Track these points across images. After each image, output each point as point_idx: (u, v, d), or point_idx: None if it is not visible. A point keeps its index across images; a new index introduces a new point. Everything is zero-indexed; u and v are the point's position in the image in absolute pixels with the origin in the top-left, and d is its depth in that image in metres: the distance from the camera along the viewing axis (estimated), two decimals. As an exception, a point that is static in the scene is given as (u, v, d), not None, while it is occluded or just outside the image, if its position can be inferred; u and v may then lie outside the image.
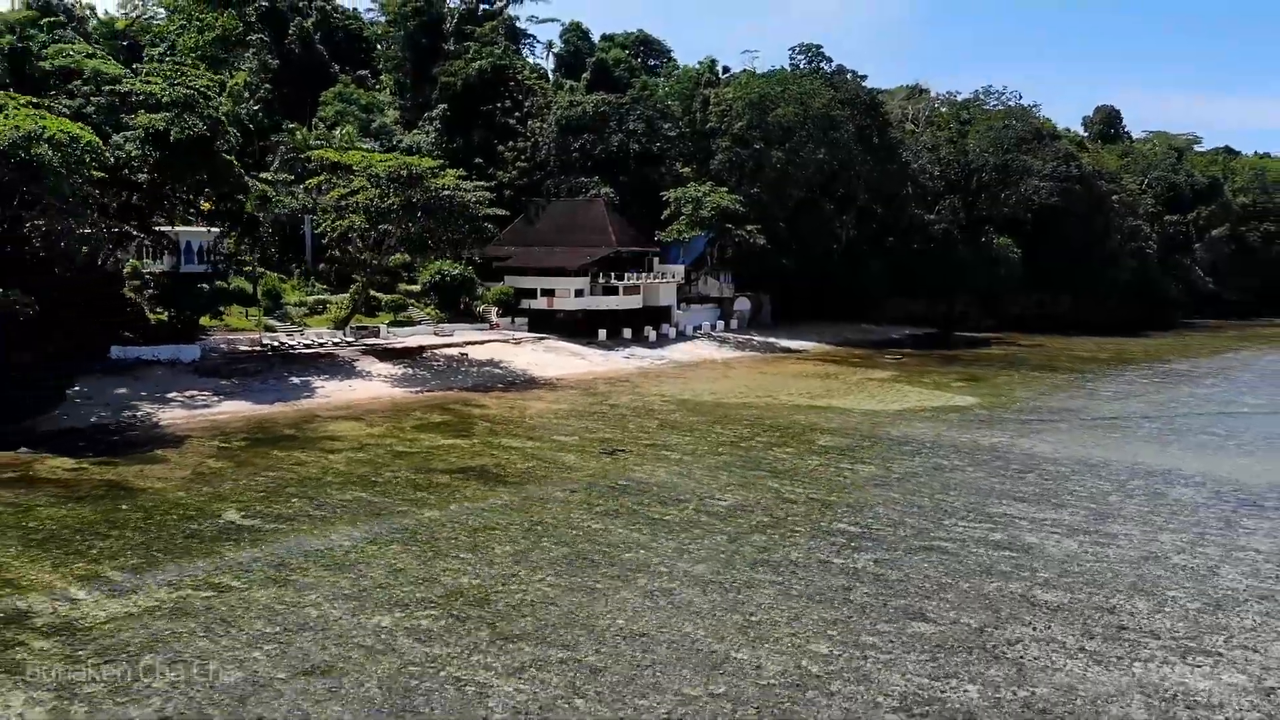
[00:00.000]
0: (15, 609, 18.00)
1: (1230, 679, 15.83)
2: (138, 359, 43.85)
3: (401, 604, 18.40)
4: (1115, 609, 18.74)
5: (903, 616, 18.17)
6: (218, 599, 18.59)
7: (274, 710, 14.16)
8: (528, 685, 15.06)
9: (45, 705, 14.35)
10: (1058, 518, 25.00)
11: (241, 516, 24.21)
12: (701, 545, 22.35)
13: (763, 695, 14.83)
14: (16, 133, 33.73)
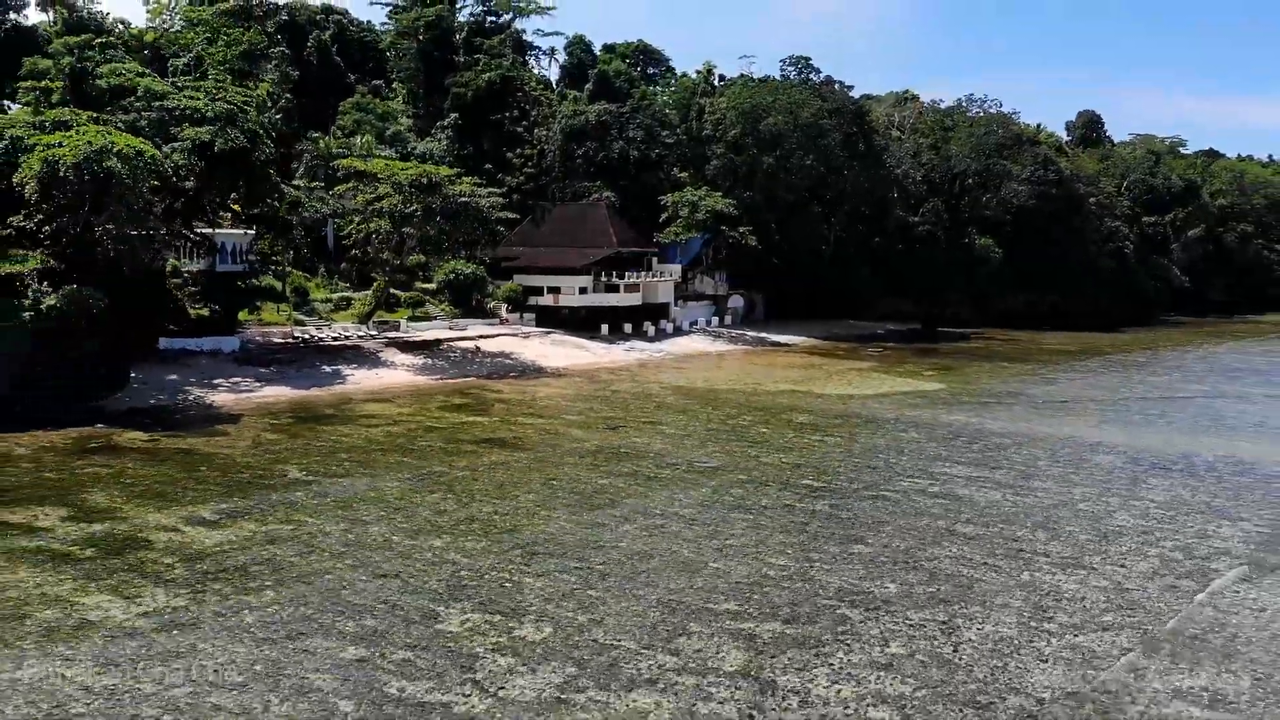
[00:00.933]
0: (138, 537, 22.61)
1: (1095, 583, 20.43)
2: (183, 349, 48.48)
3: (448, 532, 23.04)
4: (1018, 538, 23.37)
5: (846, 541, 22.82)
6: (299, 530, 23.22)
7: (362, 598, 18.77)
8: (552, 582, 19.69)
9: (182, 598, 18.92)
10: (989, 476, 29.66)
11: (303, 474, 28.86)
12: (688, 495, 26.99)
13: (731, 588, 19.45)
14: (89, 147, 38.32)
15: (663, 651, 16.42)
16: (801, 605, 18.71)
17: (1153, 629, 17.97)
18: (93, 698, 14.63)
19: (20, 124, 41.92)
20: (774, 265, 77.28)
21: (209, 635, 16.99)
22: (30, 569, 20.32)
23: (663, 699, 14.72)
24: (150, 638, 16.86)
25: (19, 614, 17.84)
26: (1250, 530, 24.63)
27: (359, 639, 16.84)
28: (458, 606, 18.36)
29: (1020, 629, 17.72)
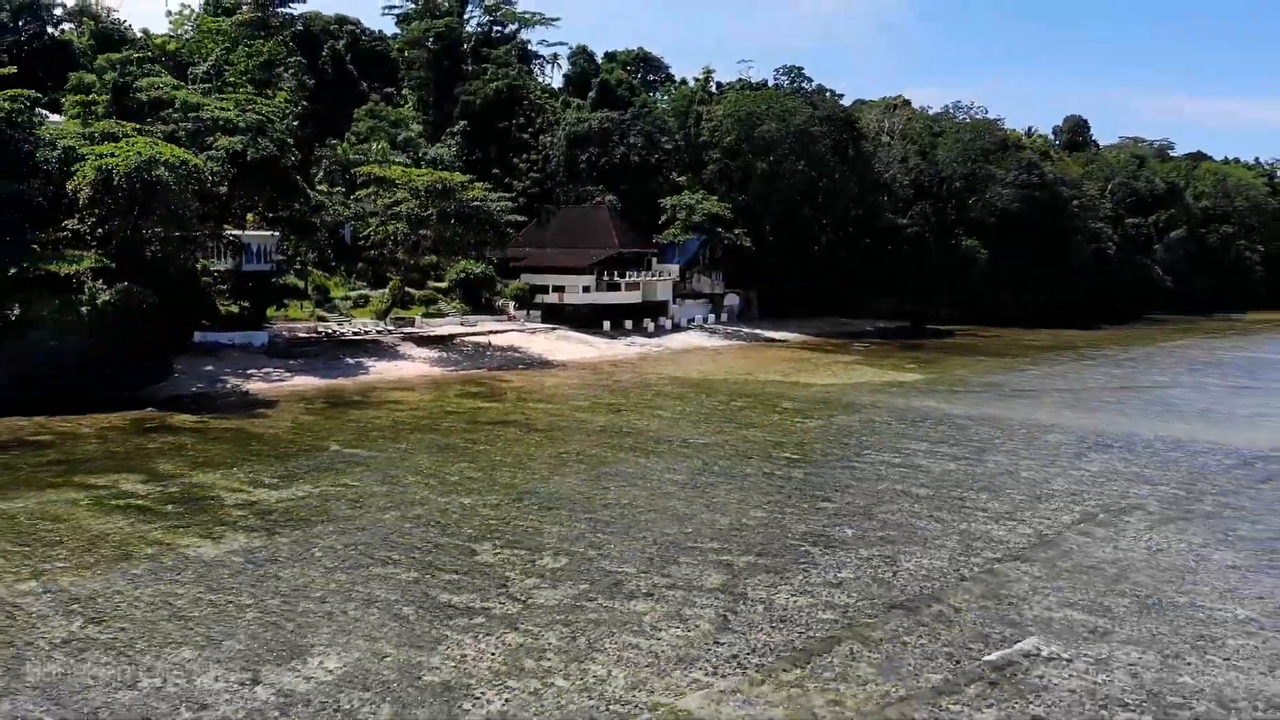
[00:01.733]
0: (210, 496, 26.51)
1: (1021, 530, 24.33)
2: (216, 343, 52.33)
3: (475, 492, 26.96)
4: (963, 498, 27.28)
5: (814, 500, 26.74)
6: (347, 490, 27.13)
7: (409, 540, 22.65)
8: (565, 528, 23.58)
9: (259, 540, 22.79)
10: (947, 451, 33.58)
11: (343, 447, 32.78)
12: (681, 465, 30.91)
13: (714, 533, 23.35)
14: (140, 157, 42.21)
15: (657, 575, 20.33)
16: (772, 544, 22.62)
17: (1060, 562, 21.86)
18: (204, 608, 18.49)
19: (72, 135, 45.73)
20: (768, 265, 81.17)
21: (287, 565, 20.89)
22: (125, 519, 24.23)
23: (655, 605, 18.62)
24: (239, 567, 20.76)
25: (127, 552, 21.73)
26: (1165, 492, 28.54)
27: (411, 567, 20.76)
28: (489, 545, 22.28)
29: (949, 561, 21.63)
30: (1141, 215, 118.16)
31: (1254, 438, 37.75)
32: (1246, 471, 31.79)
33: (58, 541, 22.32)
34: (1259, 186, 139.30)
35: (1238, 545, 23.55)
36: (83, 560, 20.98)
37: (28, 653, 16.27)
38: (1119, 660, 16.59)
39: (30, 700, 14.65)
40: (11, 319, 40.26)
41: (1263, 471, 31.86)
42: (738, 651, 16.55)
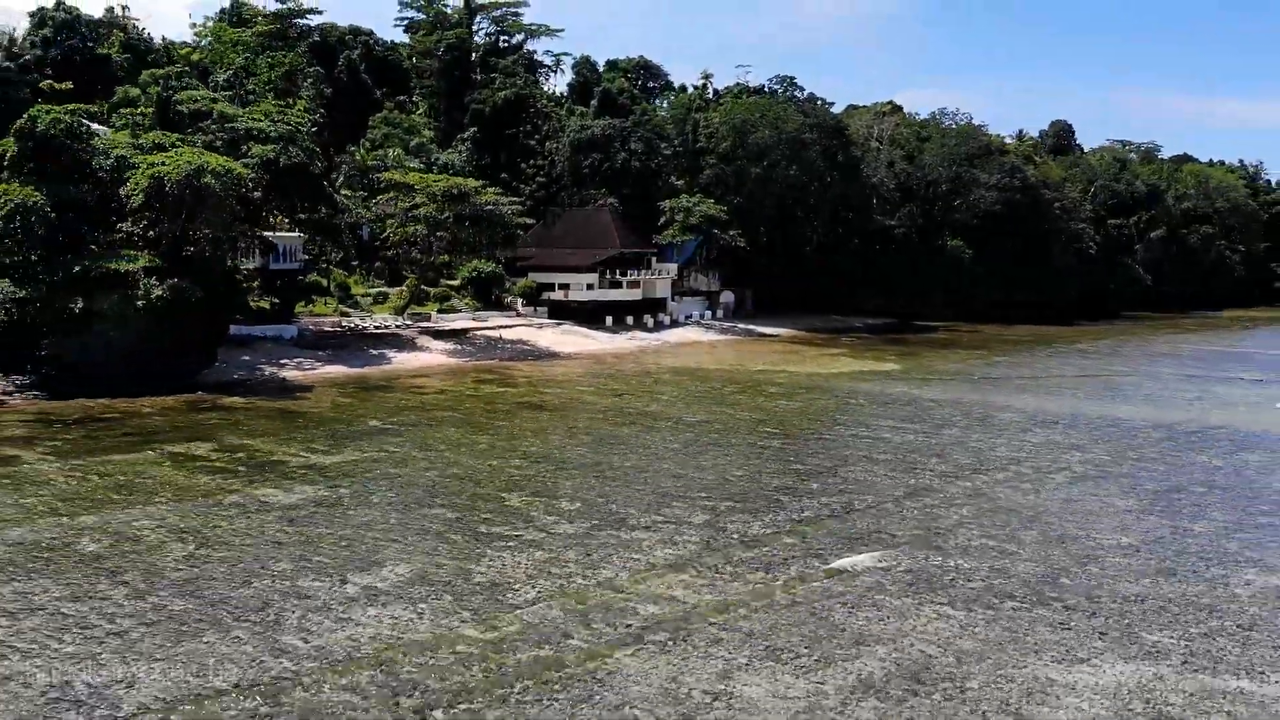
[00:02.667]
0: (274, 459, 31.11)
1: (959, 485, 28.92)
2: (249, 335, 56.85)
3: (500, 457, 31.59)
4: (916, 462, 31.90)
5: (787, 463, 31.38)
6: (391, 455, 31.75)
7: (449, 490, 27.25)
8: (578, 483, 28.20)
9: (323, 490, 27.31)
10: (910, 426, 38.20)
11: (380, 423, 37.40)
12: (677, 438, 35.53)
13: (702, 486, 27.96)
14: (189, 166, 46.84)
15: (653, 514, 24.94)
16: (749, 494, 27.25)
17: (985, 505, 26.48)
18: (290, 536, 23.04)
19: (124, 145, 50.34)
20: (762, 265, 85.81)
21: (350, 508, 25.49)
22: (206, 475, 28.85)
23: (652, 534, 23.23)
24: (311, 509, 25.35)
25: (216, 499, 26.33)
26: (1091, 458, 33.15)
27: (453, 509, 25.40)
28: (516, 494, 26.91)
29: (894, 504, 26.26)
30: (1123, 216, 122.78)
31: (1187, 416, 42.38)
32: (1170, 443, 36.41)
33: (155, 490, 26.96)
34: (1239, 188, 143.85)
35: (1140, 496, 28.17)
36: (181, 504, 25.59)
37: (160, 565, 20.87)
38: (1015, 570, 21.20)
39: (171, 596, 19.20)
40: (76, 311, 44.86)
41: (1184, 443, 36.50)
42: (716, 562, 21.17)
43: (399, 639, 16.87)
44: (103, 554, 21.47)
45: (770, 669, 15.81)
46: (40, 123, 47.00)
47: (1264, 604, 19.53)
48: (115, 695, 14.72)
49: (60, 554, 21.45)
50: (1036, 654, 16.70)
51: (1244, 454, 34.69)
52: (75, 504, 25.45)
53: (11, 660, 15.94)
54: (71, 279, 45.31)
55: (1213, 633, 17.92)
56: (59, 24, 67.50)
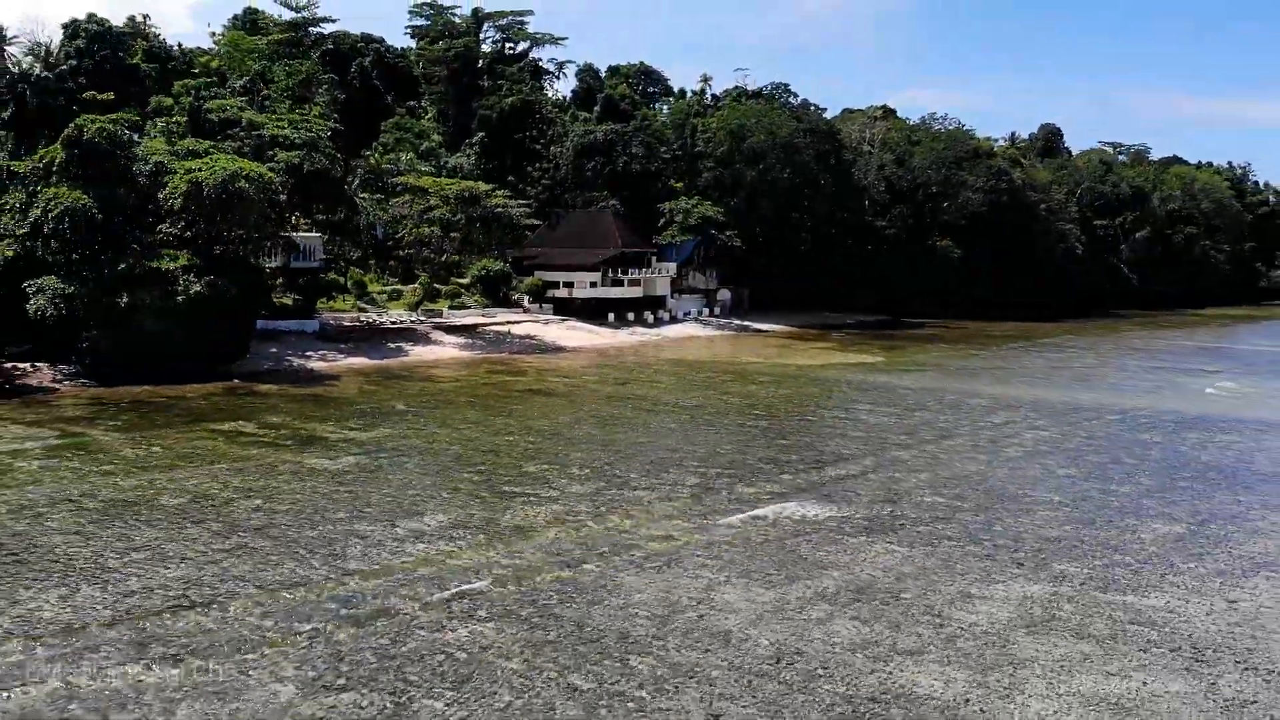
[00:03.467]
0: (315, 435, 34.97)
1: (920, 453, 32.79)
2: (274, 329, 60.68)
3: (516, 434, 35.50)
4: (885, 438, 35.78)
5: (772, 440, 35.27)
6: (419, 432, 35.65)
7: (473, 460, 31.15)
8: (586, 455, 32.10)
9: (368, 460, 31.17)
10: (885, 410, 42.09)
11: (405, 406, 41.30)
12: (674, 418, 39.44)
13: (695, 458, 31.84)
14: (225, 172, 50.74)
15: (652, 479, 28.84)
16: (736, 464, 31.16)
17: (942, 471, 30.37)
18: (340, 494, 26.93)
19: (161, 152, 54.21)
20: (758, 264, 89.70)
21: (390, 473, 29.39)
22: (258, 448, 32.74)
23: (651, 493, 27.13)
24: (356, 474, 29.23)
25: (271, 466, 30.20)
26: (1044, 436, 37.06)
27: (479, 474, 29.30)
28: (532, 463, 30.81)
29: (860, 471, 30.17)
30: (1109, 217, 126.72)
31: (1141, 402, 46.27)
32: (1119, 425, 40.30)
33: (215, 459, 30.86)
34: (1223, 189, 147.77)
35: (1080, 465, 32.07)
36: (241, 470, 29.49)
37: (234, 515, 24.74)
38: (956, 519, 25.07)
39: (250, 537, 23.05)
40: (121, 306, 48.71)
41: (1132, 425, 40.38)
42: (705, 512, 25.09)
43: (445, 563, 20.79)
44: (183, 507, 25.35)
45: (744, 584, 19.71)
46: (86, 131, 50.77)
47: (1161, 546, 23.40)
48: (221, 600, 18.60)
49: (146, 508, 25.32)
50: (962, 576, 20.59)
51: (1183, 433, 38.55)
52: (148, 470, 29.35)
53: (130, 582, 19.82)
54: (117, 276, 49.14)
55: (1112, 564, 21.81)
56: (91, 35, 71.29)
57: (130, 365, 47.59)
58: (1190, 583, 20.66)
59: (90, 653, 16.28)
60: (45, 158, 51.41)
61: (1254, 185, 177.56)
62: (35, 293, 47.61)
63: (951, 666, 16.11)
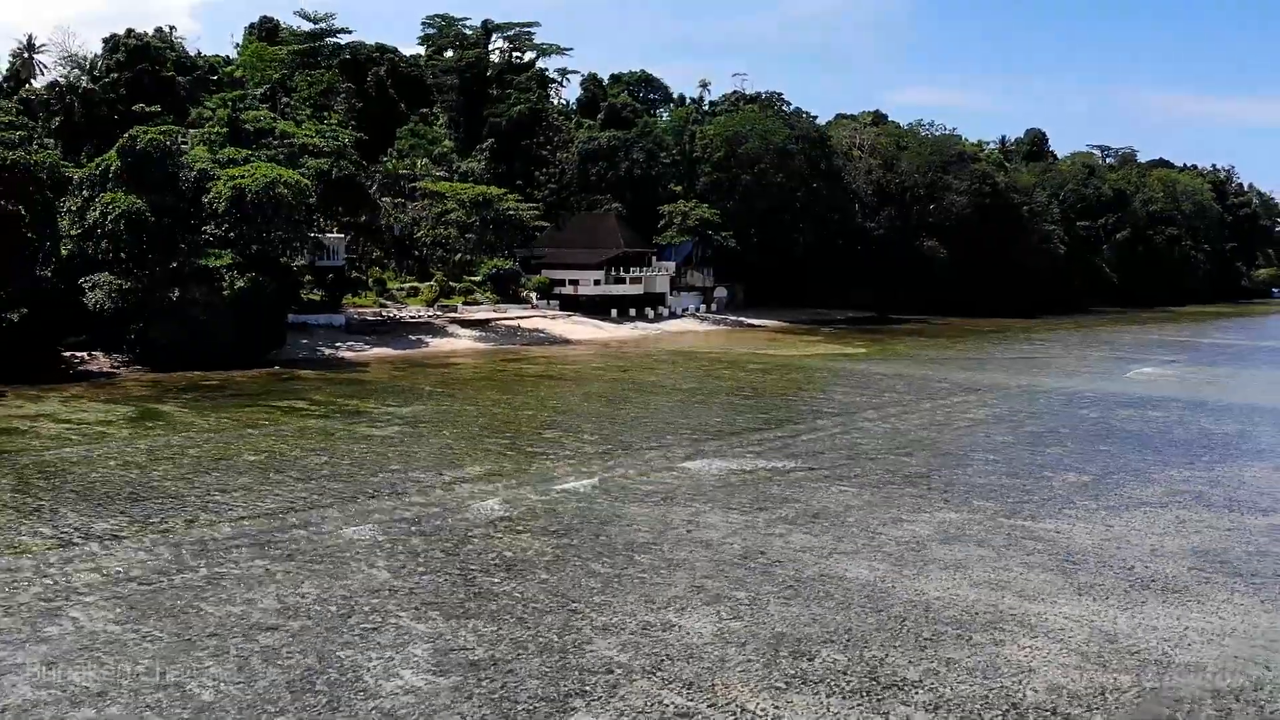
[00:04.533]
0: (360, 410, 40.26)
1: (883, 424, 38.10)
2: (304, 322, 65.96)
3: (533, 409, 40.85)
4: (854, 411, 41.11)
5: (757, 414, 40.62)
6: (449, 408, 40.99)
7: (499, 429, 36.47)
8: (595, 425, 37.45)
9: (406, 429, 36.52)
10: (859, 391, 47.43)
11: (432, 389, 46.63)
12: (671, 398, 44.78)
13: (688, 428, 37.17)
14: (265, 178, 56.05)
15: (653, 443, 34.17)
16: (723, 432, 36.51)
17: (899, 440, 35.68)
18: (391, 453, 32.19)
19: (204, 159, 59.49)
20: (753, 263, 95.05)
21: (429, 438, 34.71)
22: (313, 420, 38.06)
23: (651, 453, 32.45)
24: (401, 438, 34.51)
25: (328, 433, 35.51)
26: (995, 412, 42.41)
27: (504, 439, 34.65)
28: (548, 431, 36.17)
29: (828, 436, 35.49)
30: (1090, 219, 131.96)
31: (1091, 386, 51.60)
32: (1064, 403, 45.60)
33: (278, 427, 36.19)
34: (1205, 192, 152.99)
35: (1018, 434, 37.39)
36: (303, 435, 34.81)
37: (307, 467, 30.03)
38: (901, 470, 30.37)
39: (325, 482, 28.32)
40: (173, 300, 53.99)
41: (1076, 403, 45.67)
42: (695, 466, 30.43)
43: (485, 498, 26.13)
44: (263, 462, 30.66)
45: (723, 512, 25.04)
46: (139, 141, 56.10)
47: (1066, 490, 28.69)
48: (313, 523, 23.88)
49: (231, 462, 30.61)
50: (897, 509, 25.91)
51: (1119, 410, 43.82)
52: (223, 435, 34.68)
53: (236, 510, 25.09)
54: (169, 273, 54.52)
55: (1021, 502, 27.10)
56: (131, 49, 76.52)
57: (180, 353, 52.77)
58: (1079, 514, 25.95)
59: (222, 553, 21.60)
60: (101, 165, 56.67)
61: (1237, 187, 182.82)
62: (91, 288, 52.90)
63: (876, 561, 21.43)
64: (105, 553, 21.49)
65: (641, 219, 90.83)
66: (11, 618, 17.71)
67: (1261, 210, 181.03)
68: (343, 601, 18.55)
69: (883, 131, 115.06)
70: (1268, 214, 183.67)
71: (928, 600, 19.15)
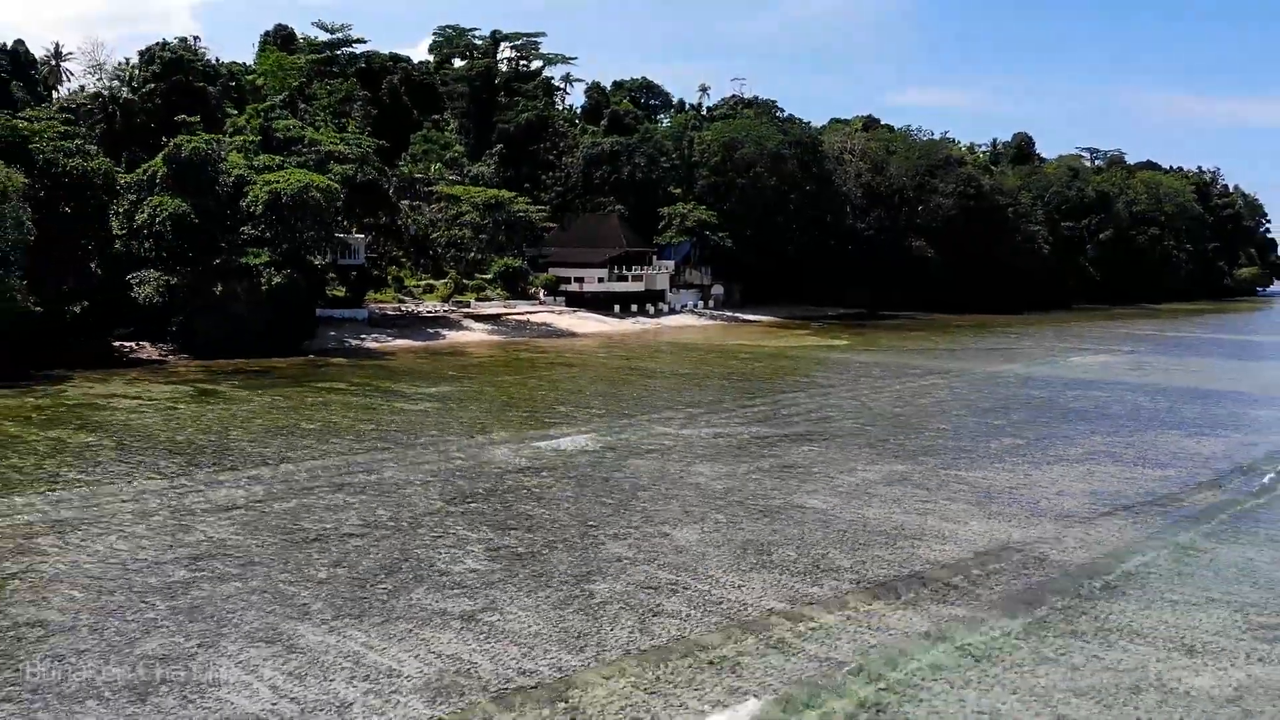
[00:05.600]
0: (395, 390, 45.58)
1: (853, 400, 43.41)
2: (330, 316, 71.28)
3: (545, 391, 46.19)
4: (830, 390, 46.43)
5: (744, 392, 45.97)
6: (471, 389, 46.31)
7: (518, 404, 41.81)
8: (602, 402, 42.80)
9: (437, 404, 41.80)
10: (838, 374, 52.77)
11: (455, 373, 51.97)
12: (668, 382, 50.11)
13: (682, 403, 42.52)
14: (299, 184, 61.39)
15: (652, 414, 39.49)
16: (713, 407, 41.84)
17: (864, 415, 40.98)
18: (428, 421, 37.49)
19: (241, 166, 64.78)
20: (748, 262, 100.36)
21: (458, 411, 40.02)
22: (354, 397, 43.36)
23: (650, 422, 37.79)
24: (435, 411, 39.82)
25: (369, 407, 40.80)
26: (955, 393, 47.71)
27: (523, 412, 40.01)
28: (561, 406, 41.50)
29: (804, 410, 40.80)
30: (1075, 219, 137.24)
31: (1051, 372, 56.90)
32: (1020, 386, 50.89)
33: (326, 404, 41.49)
34: (1185, 193, 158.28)
35: (973, 409, 42.71)
36: (351, 409, 40.13)
37: (358, 433, 35.34)
38: (862, 436, 35.68)
39: (376, 443, 33.61)
40: (216, 294, 59.29)
41: (1031, 385, 50.96)
42: (687, 431, 35.77)
43: (513, 453, 31.48)
44: (320, 430, 35.97)
45: (710, 464, 30.39)
46: (184, 149, 61.39)
47: (1002, 451, 33.99)
48: (374, 468, 29.20)
49: (293, 430, 35.91)
50: (853, 462, 31.24)
51: (1067, 390, 49.13)
52: (280, 409, 40.00)
53: (308, 464, 30.40)
54: (211, 270, 59.84)
55: (959, 459, 32.40)
56: (166, 62, 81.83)
57: (221, 343, 58.02)
58: (1006, 468, 31.28)
59: (305, 490, 26.93)
60: (148, 170, 62.03)
61: (1222, 189, 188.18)
62: (139, 283, 58.19)
63: (830, 497, 26.78)
64: (210, 490, 26.83)
65: (643, 220, 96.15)
66: (154, 532, 23.06)
67: (1245, 211, 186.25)
68: (411, 519, 23.92)
69: (873, 136, 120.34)
70: (1251, 214, 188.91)
71: (867, 520, 24.50)
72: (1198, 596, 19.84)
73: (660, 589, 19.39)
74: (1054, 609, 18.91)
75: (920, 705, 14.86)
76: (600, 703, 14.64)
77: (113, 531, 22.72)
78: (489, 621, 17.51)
